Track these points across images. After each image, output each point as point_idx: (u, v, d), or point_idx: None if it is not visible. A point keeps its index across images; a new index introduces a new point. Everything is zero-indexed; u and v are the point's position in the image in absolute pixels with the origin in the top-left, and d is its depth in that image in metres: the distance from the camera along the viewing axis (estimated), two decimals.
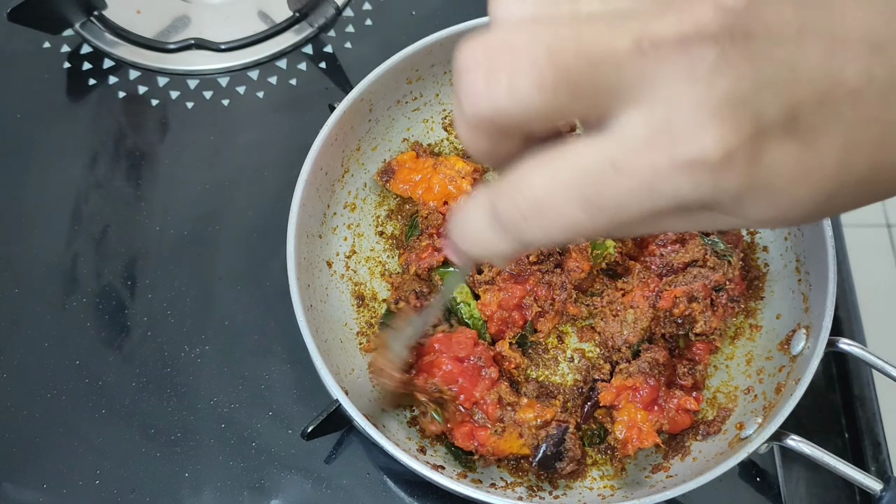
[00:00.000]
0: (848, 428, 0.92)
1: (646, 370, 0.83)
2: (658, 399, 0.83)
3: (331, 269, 0.92)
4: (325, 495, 0.85)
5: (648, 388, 0.82)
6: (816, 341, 0.79)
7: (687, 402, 0.83)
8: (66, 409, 0.88)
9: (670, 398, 0.83)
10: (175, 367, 0.90)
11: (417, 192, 0.95)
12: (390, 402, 0.84)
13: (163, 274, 0.95)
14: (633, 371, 0.83)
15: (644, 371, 0.83)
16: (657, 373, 0.83)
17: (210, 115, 1.04)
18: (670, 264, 0.87)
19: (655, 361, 0.83)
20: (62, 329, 0.91)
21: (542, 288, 0.87)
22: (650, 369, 0.83)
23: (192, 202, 0.99)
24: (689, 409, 0.83)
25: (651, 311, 0.85)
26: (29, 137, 1.02)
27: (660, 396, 0.83)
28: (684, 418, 0.84)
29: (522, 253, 0.43)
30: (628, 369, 0.83)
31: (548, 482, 0.83)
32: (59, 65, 1.07)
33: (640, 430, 0.80)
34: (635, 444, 0.80)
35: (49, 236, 0.96)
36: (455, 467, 0.83)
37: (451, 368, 0.82)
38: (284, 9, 1.09)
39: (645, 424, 0.80)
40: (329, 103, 0.97)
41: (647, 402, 0.82)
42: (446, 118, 1.03)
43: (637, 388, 0.82)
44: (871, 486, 0.75)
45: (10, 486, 0.84)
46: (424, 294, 0.88)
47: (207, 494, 0.84)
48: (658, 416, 0.82)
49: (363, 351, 0.89)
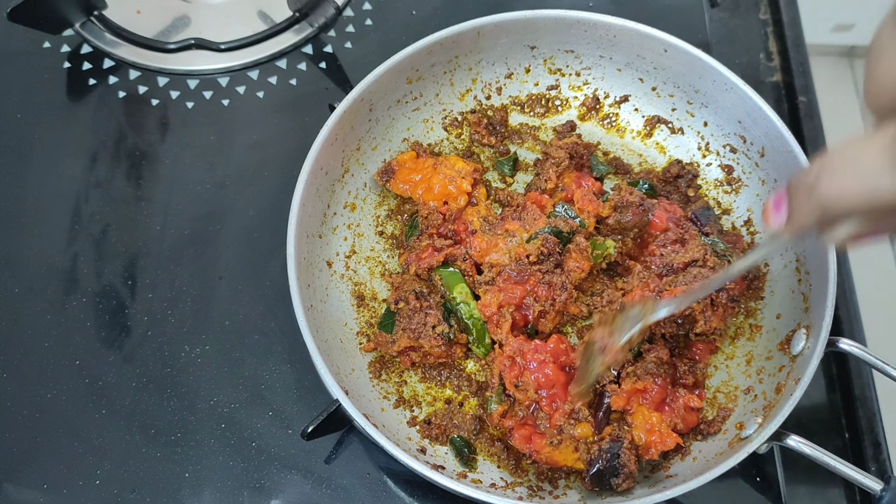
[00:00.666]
0: (848, 428, 0.92)
1: (652, 370, 0.83)
2: (667, 399, 0.83)
3: (331, 269, 0.92)
4: (325, 495, 0.85)
5: (657, 389, 0.82)
6: (816, 341, 0.79)
7: (691, 399, 0.83)
8: (66, 409, 0.88)
9: (676, 397, 0.83)
10: (175, 367, 0.90)
11: (417, 192, 0.95)
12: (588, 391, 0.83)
13: (163, 274, 0.95)
14: (640, 373, 0.83)
15: (651, 371, 0.83)
16: (662, 371, 0.83)
17: (210, 115, 1.04)
18: (670, 264, 0.87)
19: (660, 360, 0.83)
20: (62, 329, 0.91)
21: (543, 288, 0.87)
22: (656, 369, 0.83)
23: (193, 202, 0.99)
24: (694, 407, 0.83)
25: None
26: (29, 137, 1.02)
27: (667, 396, 0.83)
28: (692, 416, 0.84)
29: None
30: (636, 371, 0.83)
31: (548, 482, 0.83)
32: (59, 65, 1.07)
33: (661, 433, 0.80)
34: (659, 448, 0.80)
35: (49, 236, 0.96)
36: (455, 467, 0.83)
37: (550, 374, 0.82)
38: (284, 9, 1.09)
39: (661, 426, 0.80)
40: (329, 103, 0.97)
41: (657, 402, 0.83)
42: (446, 118, 1.03)
43: (647, 389, 0.82)
44: (871, 486, 0.75)
45: (10, 486, 0.84)
46: (424, 294, 0.88)
47: (207, 494, 0.84)
48: (670, 416, 0.82)
49: (363, 351, 0.89)
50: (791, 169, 0.89)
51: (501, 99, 1.04)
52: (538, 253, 0.87)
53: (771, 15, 1.17)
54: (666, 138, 1.02)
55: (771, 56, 1.14)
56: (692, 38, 0.95)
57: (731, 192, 0.98)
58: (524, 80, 1.03)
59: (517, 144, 1.03)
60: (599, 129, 1.03)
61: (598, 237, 0.91)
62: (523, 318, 0.87)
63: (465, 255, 0.90)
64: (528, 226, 0.89)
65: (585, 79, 1.03)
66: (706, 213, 0.94)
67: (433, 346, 0.86)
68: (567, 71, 1.03)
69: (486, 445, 0.86)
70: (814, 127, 1.07)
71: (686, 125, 1.01)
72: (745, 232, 0.96)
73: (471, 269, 0.90)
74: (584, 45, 1.00)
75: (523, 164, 1.01)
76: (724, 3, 1.17)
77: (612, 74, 1.02)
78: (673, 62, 0.96)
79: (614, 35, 0.97)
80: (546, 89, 1.04)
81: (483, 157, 1.02)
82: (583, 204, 0.91)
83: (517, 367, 0.83)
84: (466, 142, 1.02)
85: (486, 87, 1.03)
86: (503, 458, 0.84)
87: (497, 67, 1.02)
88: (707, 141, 1.00)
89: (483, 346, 0.88)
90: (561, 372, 0.83)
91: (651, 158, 1.02)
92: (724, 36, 1.14)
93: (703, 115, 0.99)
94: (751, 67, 1.13)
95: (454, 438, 0.85)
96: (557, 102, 1.04)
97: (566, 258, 0.89)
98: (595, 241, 0.90)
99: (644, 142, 1.02)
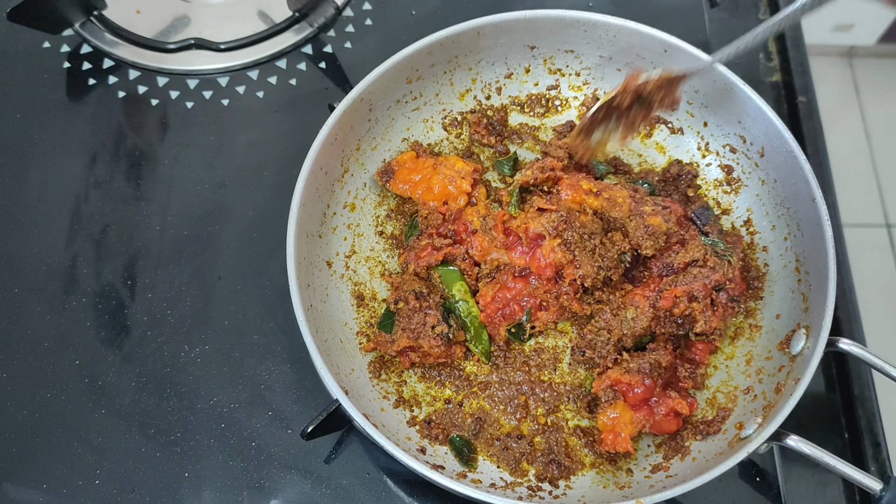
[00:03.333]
0: (848, 428, 0.92)
1: (646, 370, 0.83)
2: (650, 399, 0.83)
3: (331, 269, 0.92)
4: (325, 495, 0.85)
5: (644, 388, 0.82)
6: (816, 341, 0.79)
7: (679, 404, 0.83)
8: (66, 409, 0.88)
9: (664, 400, 0.83)
10: (175, 366, 0.90)
11: (417, 192, 0.95)
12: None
13: (163, 274, 0.95)
14: (632, 368, 0.83)
15: (644, 371, 0.83)
16: (656, 375, 0.83)
17: (210, 114, 1.04)
18: (671, 264, 0.87)
19: (658, 363, 0.84)
20: (62, 329, 0.91)
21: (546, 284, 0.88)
22: (650, 370, 0.83)
23: (192, 202, 0.99)
24: (679, 414, 0.83)
25: (651, 310, 0.85)
26: (29, 137, 1.02)
27: (652, 397, 0.83)
28: (671, 423, 0.84)
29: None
30: (629, 364, 0.83)
31: (548, 482, 0.83)
32: (59, 65, 1.07)
33: (616, 434, 0.82)
34: (609, 447, 0.82)
35: (49, 236, 0.96)
36: (455, 467, 0.83)
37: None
38: (284, 9, 1.09)
39: (625, 428, 0.82)
40: (329, 103, 0.97)
41: (638, 400, 0.83)
42: (446, 118, 1.03)
43: (632, 385, 0.82)
44: (871, 486, 0.75)
45: (10, 486, 0.84)
46: (424, 294, 0.88)
47: (207, 494, 0.84)
48: (644, 417, 0.82)
49: (363, 351, 0.89)
50: (791, 169, 0.89)
51: (501, 99, 1.04)
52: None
53: (770, 15, 1.17)
54: (666, 138, 1.02)
55: (770, 56, 1.14)
56: (692, 38, 0.95)
57: (731, 192, 0.98)
58: (524, 80, 1.04)
59: (517, 144, 1.03)
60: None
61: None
62: (521, 309, 0.88)
63: (465, 254, 0.91)
64: (567, 194, 0.90)
65: (585, 79, 1.03)
66: (706, 213, 0.94)
67: (432, 346, 0.86)
68: (567, 71, 1.03)
69: (486, 445, 0.86)
70: (813, 127, 1.07)
71: (686, 125, 1.01)
72: (745, 232, 0.96)
73: (470, 269, 0.90)
74: (584, 45, 1.00)
75: (523, 164, 1.01)
76: (723, 3, 1.17)
77: (612, 74, 1.02)
78: (673, 62, 0.96)
79: (614, 35, 0.97)
80: (546, 89, 1.04)
81: (483, 157, 1.02)
82: (569, 191, 0.91)
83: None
84: (466, 142, 1.02)
85: (486, 87, 1.03)
86: (503, 458, 0.85)
87: (497, 67, 1.02)
88: (707, 141, 1.00)
89: (481, 344, 0.88)
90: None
91: (651, 158, 1.02)
92: (724, 36, 1.14)
93: (703, 115, 0.99)
94: (751, 67, 1.13)
95: (454, 438, 0.85)
96: (557, 102, 1.04)
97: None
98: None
99: (644, 142, 1.02)
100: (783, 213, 0.92)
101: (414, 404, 0.87)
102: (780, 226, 0.93)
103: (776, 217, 0.93)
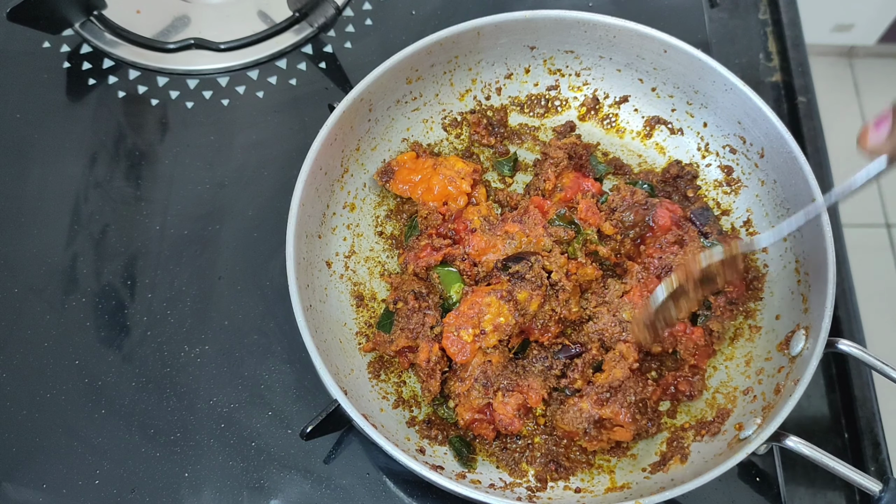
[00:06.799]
0: (847, 429, 0.92)
1: (630, 402, 0.82)
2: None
3: (330, 269, 0.92)
4: (325, 495, 0.85)
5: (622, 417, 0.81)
6: (816, 342, 0.79)
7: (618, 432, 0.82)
8: (66, 409, 0.88)
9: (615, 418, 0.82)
10: (175, 366, 0.90)
11: (417, 193, 0.95)
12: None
13: (163, 274, 0.95)
14: (617, 401, 0.82)
15: (626, 404, 0.81)
16: (636, 410, 0.82)
17: (210, 114, 1.05)
18: (669, 265, 0.87)
19: (642, 400, 0.83)
20: (62, 329, 0.91)
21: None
22: (634, 403, 0.82)
23: (192, 202, 0.99)
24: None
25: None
26: (29, 137, 1.02)
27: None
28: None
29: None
30: (614, 396, 0.82)
31: (548, 482, 0.83)
32: (58, 65, 1.07)
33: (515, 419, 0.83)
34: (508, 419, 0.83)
35: (49, 236, 0.96)
36: (454, 467, 0.83)
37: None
38: (284, 9, 1.09)
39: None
40: (329, 103, 0.97)
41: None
42: (446, 118, 1.03)
43: (615, 415, 0.81)
44: (870, 487, 0.75)
45: (10, 486, 0.84)
46: (423, 294, 0.88)
47: (207, 494, 0.85)
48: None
49: (362, 351, 0.89)
50: (791, 170, 0.89)
51: (501, 99, 1.04)
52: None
53: (770, 15, 1.17)
54: (665, 139, 1.02)
55: (770, 56, 1.14)
56: (692, 39, 0.95)
57: (731, 193, 0.98)
58: (524, 80, 1.04)
59: (517, 145, 1.03)
60: (599, 129, 1.03)
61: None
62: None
63: (464, 254, 0.90)
64: (528, 230, 0.89)
65: (585, 79, 1.03)
66: (705, 214, 0.94)
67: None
68: (567, 71, 1.03)
69: (485, 446, 0.86)
70: (813, 127, 1.07)
71: (686, 126, 1.01)
72: (745, 233, 0.96)
73: (469, 269, 0.90)
74: (583, 46, 1.00)
75: (523, 164, 1.01)
76: (723, 3, 1.17)
77: (611, 75, 1.02)
78: (672, 63, 0.96)
79: (614, 35, 0.97)
80: (546, 89, 1.04)
81: (483, 158, 1.02)
82: (586, 216, 0.91)
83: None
84: (466, 142, 1.02)
85: (486, 88, 1.03)
86: (502, 459, 0.85)
87: (497, 68, 1.02)
88: (707, 141, 1.00)
89: None
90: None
91: (650, 159, 1.02)
92: (724, 36, 1.15)
93: (703, 116, 0.99)
94: (750, 68, 1.13)
95: (453, 439, 0.85)
96: (557, 103, 1.04)
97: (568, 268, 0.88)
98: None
99: (643, 142, 1.02)
100: (783, 214, 0.92)
101: (413, 405, 0.88)
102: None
103: (776, 218, 0.93)
